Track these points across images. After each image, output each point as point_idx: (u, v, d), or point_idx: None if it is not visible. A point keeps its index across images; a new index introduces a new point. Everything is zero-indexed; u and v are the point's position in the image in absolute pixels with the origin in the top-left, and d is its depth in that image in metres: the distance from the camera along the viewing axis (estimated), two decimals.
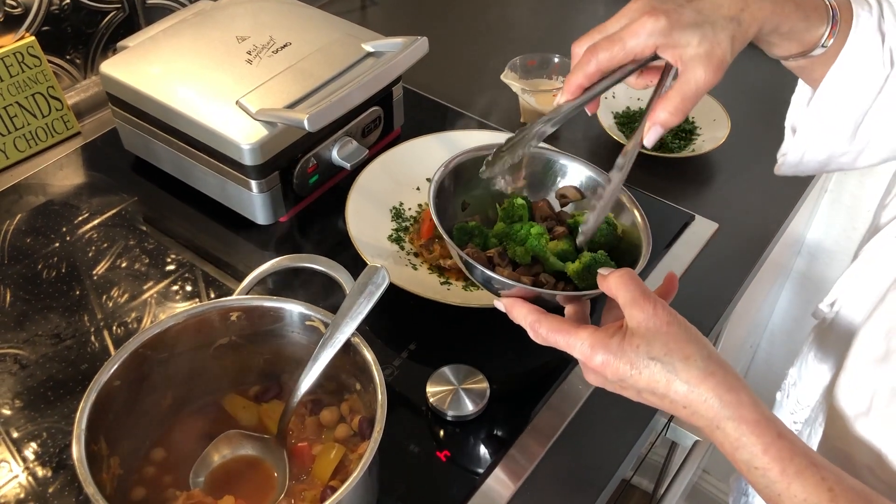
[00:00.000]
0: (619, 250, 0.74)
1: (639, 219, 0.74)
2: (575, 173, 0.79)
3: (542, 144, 0.78)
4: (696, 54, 0.60)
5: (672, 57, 0.61)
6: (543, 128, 0.66)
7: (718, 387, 0.56)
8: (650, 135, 0.64)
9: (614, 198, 0.70)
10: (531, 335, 0.64)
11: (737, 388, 0.56)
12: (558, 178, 0.79)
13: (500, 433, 0.77)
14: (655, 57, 0.63)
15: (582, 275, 0.69)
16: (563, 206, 0.79)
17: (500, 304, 0.67)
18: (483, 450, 0.76)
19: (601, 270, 0.63)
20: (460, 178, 0.76)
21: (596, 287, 0.65)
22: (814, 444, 0.76)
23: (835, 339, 0.82)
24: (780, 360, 1.72)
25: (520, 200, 0.75)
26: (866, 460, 0.63)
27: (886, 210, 0.71)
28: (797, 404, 0.93)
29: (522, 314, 0.64)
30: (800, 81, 0.76)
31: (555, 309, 0.65)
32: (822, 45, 0.69)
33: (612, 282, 0.60)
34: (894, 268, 0.66)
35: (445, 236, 0.69)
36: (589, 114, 0.69)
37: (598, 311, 0.67)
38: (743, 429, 0.55)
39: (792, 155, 0.78)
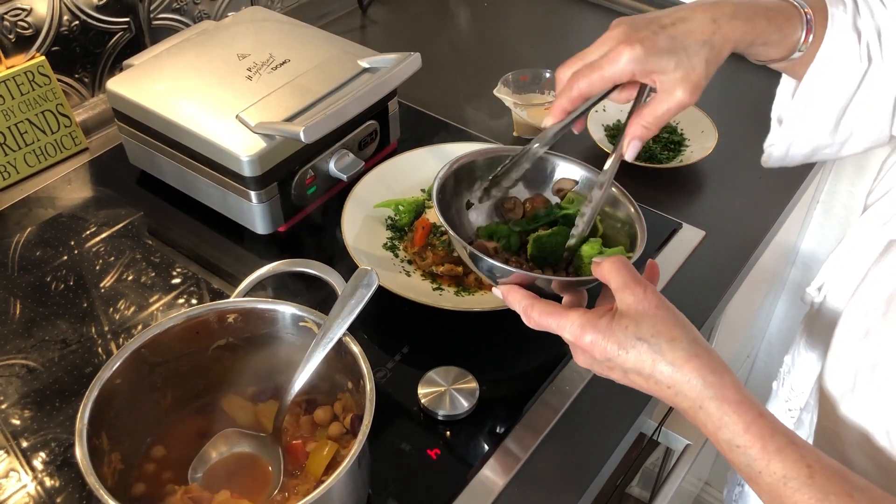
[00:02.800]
0: (616, 242, 0.78)
1: (633, 211, 0.78)
2: (569, 172, 0.82)
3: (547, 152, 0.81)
4: (673, 78, 0.65)
5: (650, 81, 0.66)
6: (536, 150, 0.73)
7: (702, 368, 0.57)
8: (630, 149, 0.70)
9: (597, 212, 0.74)
10: (524, 319, 0.66)
11: (720, 371, 0.58)
12: (554, 175, 0.83)
13: (489, 431, 0.80)
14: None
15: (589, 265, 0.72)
16: (561, 199, 0.82)
17: (498, 291, 0.70)
18: (473, 448, 0.79)
19: (595, 258, 0.65)
20: (463, 180, 0.80)
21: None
22: (808, 429, 0.77)
23: (824, 324, 0.83)
24: (778, 370, 1.73)
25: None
26: (855, 438, 0.65)
27: (872, 195, 0.73)
28: (791, 391, 0.94)
29: (517, 299, 0.67)
30: (783, 74, 0.78)
31: (552, 298, 0.68)
32: (800, 50, 0.72)
33: (606, 267, 0.63)
34: (875, 249, 0.68)
35: (450, 230, 0.72)
36: (575, 132, 0.73)
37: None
38: (725, 408, 0.56)
39: (778, 147, 0.80)
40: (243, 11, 1.12)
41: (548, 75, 1.16)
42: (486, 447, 0.78)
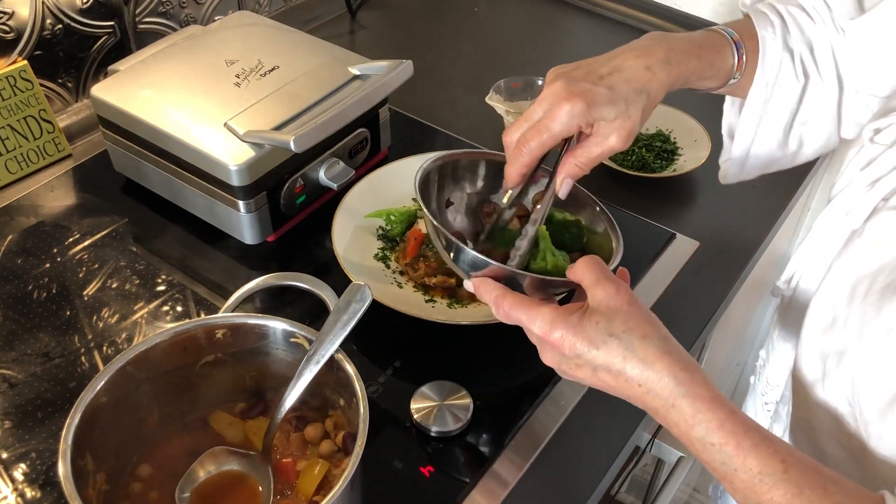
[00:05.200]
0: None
1: (608, 225, 0.77)
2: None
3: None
4: (611, 126, 0.67)
5: (586, 128, 0.68)
6: (506, 214, 0.76)
7: (674, 365, 0.57)
8: (564, 187, 0.71)
9: (531, 245, 0.72)
10: (494, 311, 0.65)
11: (691, 368, 0.57)
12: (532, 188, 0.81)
13: (483, 448, 0.78)
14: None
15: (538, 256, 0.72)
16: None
17: (470, 284, 0.68)
18: (466, 465, 0.77)
19: (569, 263, 0.65)
20: (446, 177, 0.78)
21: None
22: (786, 421, 0.78)
23: (795, 316, 0.84)
24: (755, 364, 1.73)
25: (543, 230, 0.74)
26: (827, 426, 0.66)
27: (835, 188, 0.74)
28: (767, 385, 0.95)
29: (488, 289, 0.65)
30: (742, 116, 0.81)
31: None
32: (734, 77, 0.76)
33: (579, 266, 0.62)
34: (840, 240, 0.68)
35: (427, 213, 0.71)
36: (560, 197, 0.73)
37: None
38: (698, 405, 0.55)
39: (733, 163, 0.83)
40: (231, 16, 1.10)
41: (540, 83, 1.15)
42: (481, 464, 0.77)
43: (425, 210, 0.71)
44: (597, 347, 0.58)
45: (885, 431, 0.58)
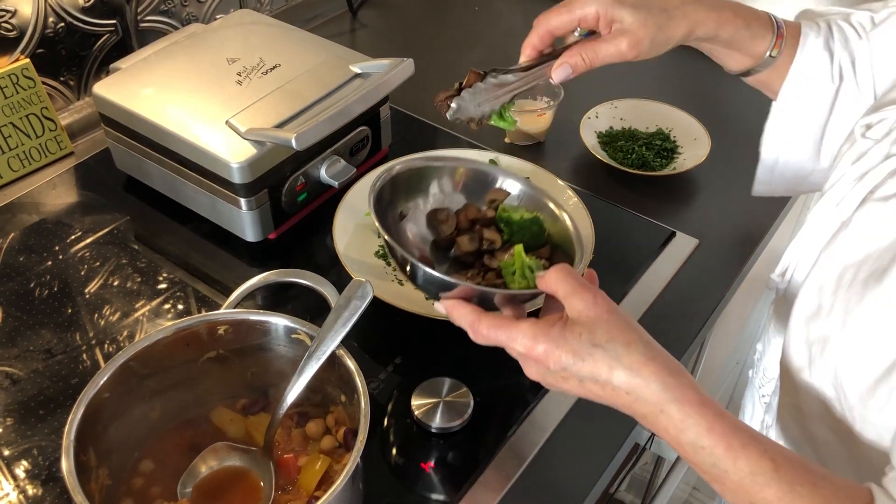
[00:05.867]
0: (555, 256, 0.75)
1: (568, 222, 0.75)
2: (506, 185, 0.79)
3: (482, 163, 0.81)
4: (623, 29, 0.71)
5: (606, 29, 0.72)
6: (503, 77, 0.74)
7: (660, 370, 0.56)
8: (560, 70, 0.73)
9: (510, 93, 0.74)
10: (472, 335, 0.64)
11: (677, 372, 0.57)
12: (490, 187, 0.79)
13: (484, 444, 0.79)
14: (593, 32, 0.74)
15: (515, 275, 0.68)
16: (494, 209, 0.77)
17: (441, 307, 0.66)
18: (467, 461, 0.78)
19: (539, 272, 0.63)
20: (398, 188, 0.75)
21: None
22: (776, 410, 0.79)
23: (787, 308, 0.84)
24: (753, 359, 1.74)
25: (518, 248, 0.71)
26: (815, 411, 0.66)
27: (828, 182, 0.74)
28: (763, 377, 0.95)
29: (463, 314, 0.63)
30: (771, 113, 0.81)
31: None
32: (770, 56, 0.76)
33: (551, 277, 0.61)
34: (829, 231, 0.69)
35: (388, 238, 0.67)
36: (553, 80, 0.75)
37: None
38: (687, 409, 0.55)
39: (762, 171, 0.81)
40: (232, 14, 1.11)
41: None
42: (481, 460, 0.77)
43: (383, 232, 0.68)
44: (582, 359, 0.58)
45: (869, 415, 0.59)
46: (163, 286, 0.94)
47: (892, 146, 0.64)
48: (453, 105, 0.70)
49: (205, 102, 0.94)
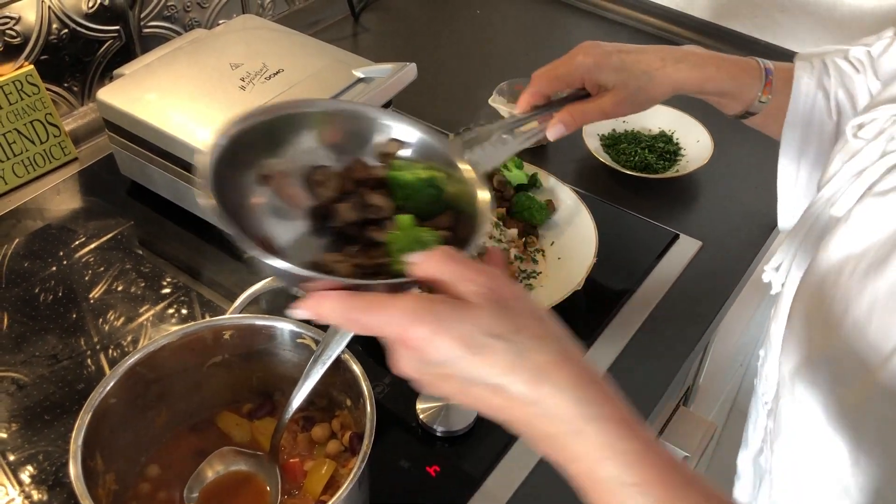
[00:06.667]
0: (460, 227, 0.57)
1: (476, 191, 0.57)
2: (400, 134, 0.61)
3: (370, 106, 0.64)
4: (608, 91, 0.77)
5: (593, 90, 0.78)
6: (499, 133, 0.75)
7: (579, 377, 0.43)
8: (554, 130, 0.78)
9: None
10: (350, 326, 0.47)
11: (598, 380, 0.44)
12: (376, 137, 0.61)
13: (490, 446, 0.79)
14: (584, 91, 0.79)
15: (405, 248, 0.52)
16: (386, 164, 0.60)
17: (302, 312, 0.48)
18: (472, 464, 0.78)
19: (409, 257, 0.48)
20: (254, 146, 0.57)
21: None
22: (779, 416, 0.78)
23: (785, 306, 0.85)
24: (756, 365, 1.73)
25: (403, 219, 0.55)
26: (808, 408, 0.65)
27: (823, 177, 0.74)
28: (766, 382, 0.95)
29: (332, 307, 0.47)
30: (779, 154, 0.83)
31: None
32: (760, 101, 0.79)
33: (433, 261, 0.47)
34: (826, 227, 0.69)
35: (228, 224, 0.50)
36: (549, 137, 0.79)
37: None
38: (613, 431, 0.42)
39: (781, 210, 0.84)
40: (235, 20, 1.11)
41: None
42: (487, 463, 0.77)
43: (223, 214, 0.50)
44: (472, 351, 0.43)
45: None
46: (166, 291, 0.94)
47: (887, 143, 0.64)
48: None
49: (209, 108, 0.94)
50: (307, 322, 0.65)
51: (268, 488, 0.70)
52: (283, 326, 0.71)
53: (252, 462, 0.72)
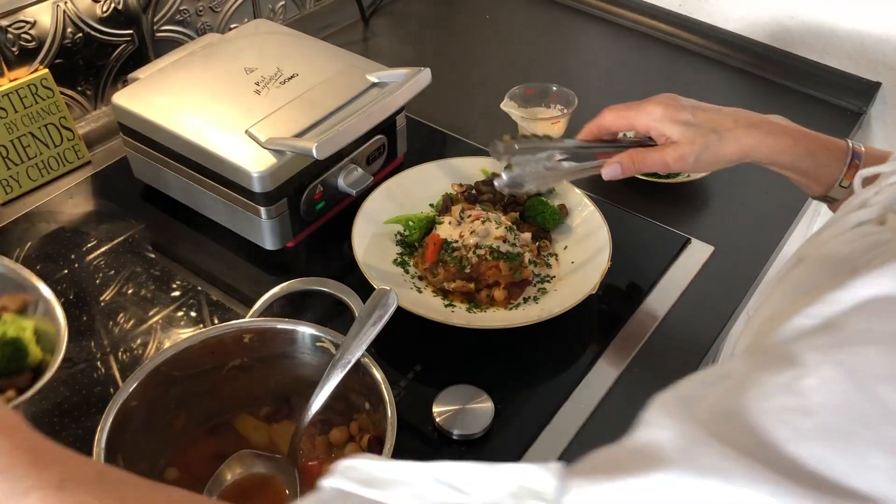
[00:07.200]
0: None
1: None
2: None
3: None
4: (673, 143, 0.76)
5: (657, 138, 0.78)
6: (553, 152, 0.79)
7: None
8: (609, 169, 0.80)
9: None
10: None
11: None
12: None
13: (506, 451, 0.79)
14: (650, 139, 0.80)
15: None
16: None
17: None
18: None
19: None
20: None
21: None
22: None
23: None
24: None
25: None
26: None
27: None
28: None
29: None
30: None
31: None
32: (841, 186, 0.73)
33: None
34: (851, 223, 0.67)
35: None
36: (604, 177, 0.81)
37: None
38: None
39: None
40: (248, 24, 1.12)
41: (554, 89, 1.16)
42: None
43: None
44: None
45: None
46: (177, 294, 0.94)
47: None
48: (504, 177, 0.77)
49: (223, 112, 0.95)
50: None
51: (286, 491, 0.70)
52: (304, 330, 0.72)
53: (271, 465, 0.72)
